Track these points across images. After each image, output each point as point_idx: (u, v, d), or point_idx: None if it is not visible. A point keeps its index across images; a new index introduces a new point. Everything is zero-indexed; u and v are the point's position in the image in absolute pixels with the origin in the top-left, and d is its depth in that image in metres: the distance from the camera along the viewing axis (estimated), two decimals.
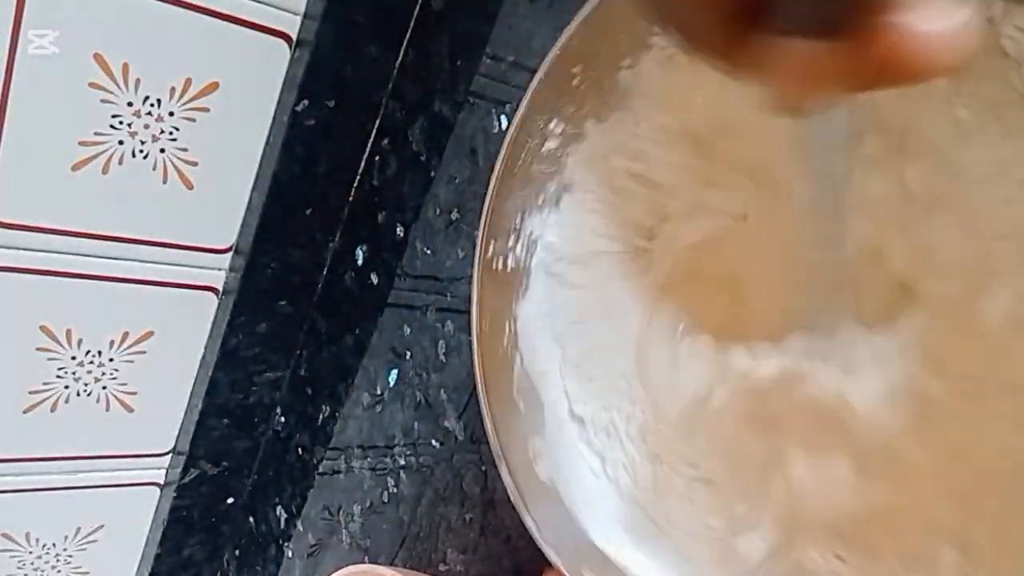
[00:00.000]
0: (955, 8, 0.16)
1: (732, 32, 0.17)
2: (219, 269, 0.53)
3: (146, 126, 0.45)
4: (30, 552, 0.58)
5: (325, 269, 0.53)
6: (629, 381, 0.35)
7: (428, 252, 0.48)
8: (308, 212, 0.51)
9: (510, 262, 0.34)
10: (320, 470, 0.54)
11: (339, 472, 0.54)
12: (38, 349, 0.50)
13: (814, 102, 0.18)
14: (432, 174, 0.47)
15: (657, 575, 0.33)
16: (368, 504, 0.52)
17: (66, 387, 0.52)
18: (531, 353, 0.35)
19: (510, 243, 0.33)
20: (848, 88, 0.17)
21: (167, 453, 0.59)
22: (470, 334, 0.32)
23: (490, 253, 0.32)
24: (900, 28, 0.15)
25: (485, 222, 0.32)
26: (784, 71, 0.17)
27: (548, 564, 0.32)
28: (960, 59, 0.16)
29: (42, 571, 0.59)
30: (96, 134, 0.44)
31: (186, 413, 0.58)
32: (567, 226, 0.35)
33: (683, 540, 0.34)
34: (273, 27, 0.45)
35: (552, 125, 0.32)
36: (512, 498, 0.32)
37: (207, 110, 0.46)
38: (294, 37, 0.46)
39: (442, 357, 0.47)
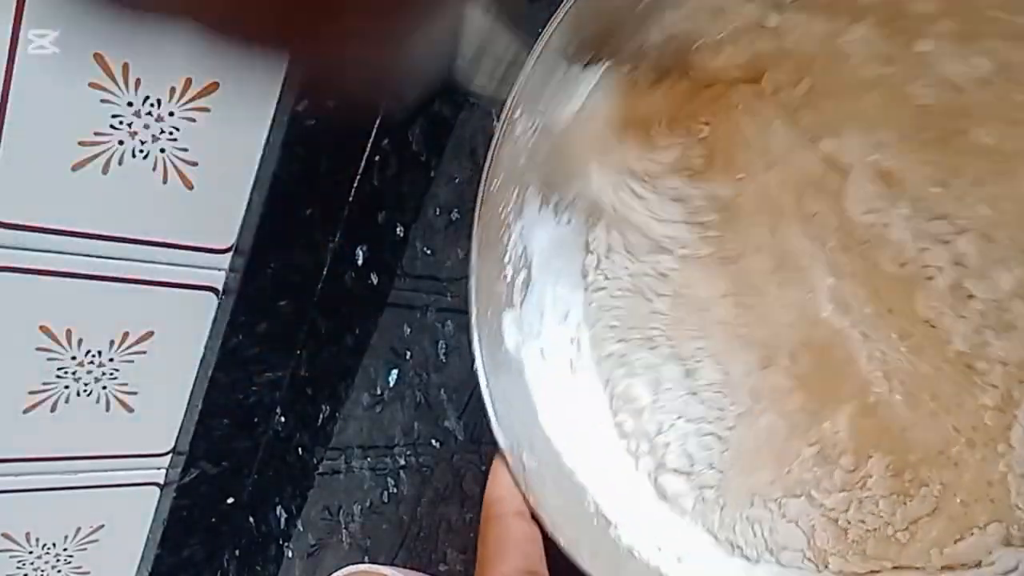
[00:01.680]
0: None
1: None
2: (219, 269, 0.53)
3: (146, 126, 0.45)
4: (30, 552, 0.58)
5: (325, 269, 0.53)
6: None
7: (428, 252, 0.48)
8: (308, 212, 0.51)
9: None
10: (320, 470, 0.55)
11: (339, 472, 0.54)
12: (38, 349, 0.50)
13: None
14: (432, 174, 0.47)
15: (593, 466, 0.34)
16: (368, 504, 0.52)
17: (66, 387, 0.52)
18: (530, 227, 0.34)
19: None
20: None
21: (167, 453, 0.59)
22: (471, 334, 0.32)
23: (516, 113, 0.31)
24: None
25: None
26: None
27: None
28: None
29: (42, 571, 0.59)
30: (96, 134, 0.44)
31: (186, 413, 0.58)
32: None
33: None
34: None
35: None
36: (476, 363, 0.32)
37: (207, 110, 0.46)
38: None
39: (442, 357, 0.47)
